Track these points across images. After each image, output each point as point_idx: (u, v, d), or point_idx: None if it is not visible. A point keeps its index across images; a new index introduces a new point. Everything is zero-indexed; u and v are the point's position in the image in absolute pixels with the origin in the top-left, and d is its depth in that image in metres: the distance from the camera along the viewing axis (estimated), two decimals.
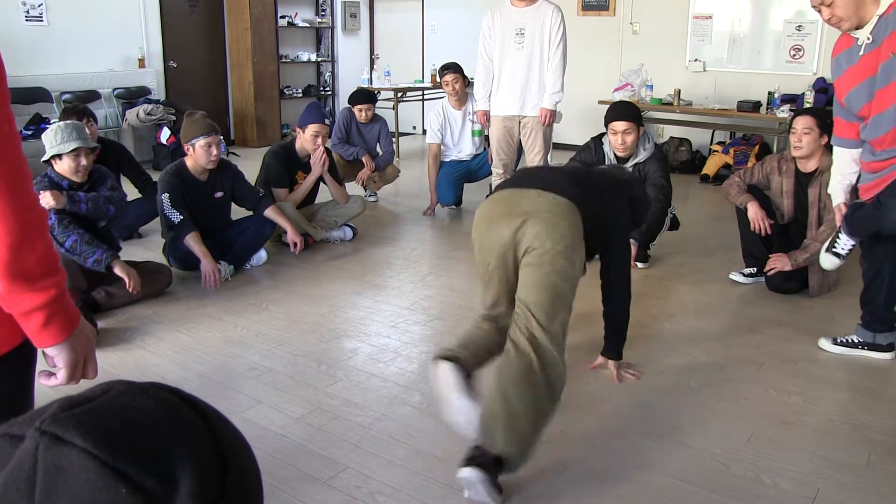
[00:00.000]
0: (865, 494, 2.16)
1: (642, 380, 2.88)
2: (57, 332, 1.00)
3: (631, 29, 7.87)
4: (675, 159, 7.23)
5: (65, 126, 3.38)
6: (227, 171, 4.12)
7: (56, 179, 3.39)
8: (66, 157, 3.34)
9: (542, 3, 4.44)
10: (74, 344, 1.03)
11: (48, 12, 6.85)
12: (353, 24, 9.89)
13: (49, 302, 0.97)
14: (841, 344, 3.14)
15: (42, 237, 0.96)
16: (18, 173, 0.93)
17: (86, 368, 1.08)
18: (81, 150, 3.36)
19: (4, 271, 0.91)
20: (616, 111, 4.06)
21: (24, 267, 0.92)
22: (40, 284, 0.95)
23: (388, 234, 5.03)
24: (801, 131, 3.67)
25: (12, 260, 0.91)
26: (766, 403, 2.71)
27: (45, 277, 0.95)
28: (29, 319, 0.97)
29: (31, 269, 0.93)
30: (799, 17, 6.90)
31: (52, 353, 1.02)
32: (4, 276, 0.91)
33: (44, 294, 0.96)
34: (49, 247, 0.98)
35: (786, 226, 3.90)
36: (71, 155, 3.34)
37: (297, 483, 2.20)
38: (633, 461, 2.32)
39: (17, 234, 0.91)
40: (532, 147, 4.64)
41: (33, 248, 0.93)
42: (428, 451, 2.38)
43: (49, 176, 3.40)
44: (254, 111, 8.53)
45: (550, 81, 4.46)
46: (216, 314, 3.53)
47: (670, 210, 4.18)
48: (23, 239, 0.92)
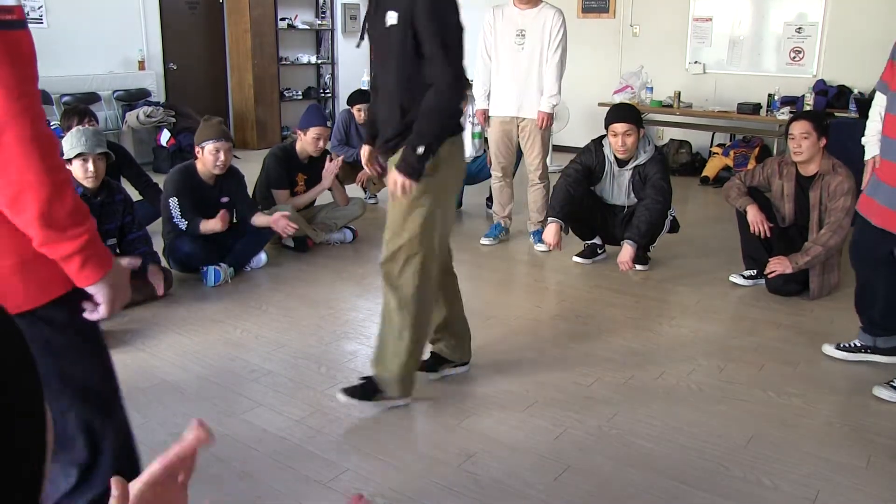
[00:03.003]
0: (865, 496, 2.16)
1: (642, 381, 2.88)
2: (92, 272, 1.15)
3: (631, 31, 7.87)
4: (675, 161, 7.23)
5: (76, 132, 3.49)
6: (233, 177, 4.14)
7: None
8: (74, 163, 3.38)
9: (545, 6, 4.44)
10: (109, 282, 1.18)
11: (48, 14, 6.85)
12: (353, 27, 9.89)
13: (82, 248, 1.11)
14: (844, 349, 3.13)
15: (70, 193, 1.10)
16: (47, 138, 1.08)
17: (120, 302, 1.24)
18: (89, 157, 3.39)
19: (39, 222, 1.06)
20: (616, 113, 4.07)
21: (56, 218, 1.07)
22: (71, 233, 1.09)
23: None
24: (800, 136, 3.67)
25: (45, 212, 1.06)
26: (767, 405, 2.71)
27: (75, 226, 1.10)
28: (68, 264, 1.12)
29: (63, 220, 1.08)
30: (799, 20, 6.90)
31: (92, 290, 1.18)
32: (40, 226, 1.06)
33: (76, 241, 1.10)
34: (77, 201, 1.12)
35: (786, 228, 3.90)
36: (78, 160, 3.38)
37: (296, 485, 2.20)
38: (632, 462, 2.32)
39: (49, 190, 1.05)
40: (531, 150, 4.64)
41: (63, 203, 1.08)
42: (427, 452, 2.38)
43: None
44: (254, 113, 8.53)
45: (547, 84, 4.45)
46: (216, 316, 3.53)
47: (670, 212, 4.18)
48: (54, 194, 1.06)
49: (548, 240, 4.08)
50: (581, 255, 4.46)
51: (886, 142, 2.74)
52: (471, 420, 2.58)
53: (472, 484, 2.20)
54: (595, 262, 4.44)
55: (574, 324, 3.52)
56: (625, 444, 2.43)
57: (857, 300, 3.09)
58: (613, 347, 3.22)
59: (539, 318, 3.58)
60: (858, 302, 3.08)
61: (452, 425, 2.54)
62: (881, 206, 2.73)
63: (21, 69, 1.04)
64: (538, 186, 4.72)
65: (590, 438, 2.46)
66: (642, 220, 3.95)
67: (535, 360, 3.08)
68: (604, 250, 4.49)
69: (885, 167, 2.72)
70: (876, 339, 3.07)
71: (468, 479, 2.22)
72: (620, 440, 2.46)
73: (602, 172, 4.18)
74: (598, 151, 4.18)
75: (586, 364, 3.03)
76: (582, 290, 4.00)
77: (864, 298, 3.04)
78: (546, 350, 3.19)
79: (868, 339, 3.09)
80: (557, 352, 3.17)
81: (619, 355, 3.13)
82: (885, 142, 2.75)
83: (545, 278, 4.33)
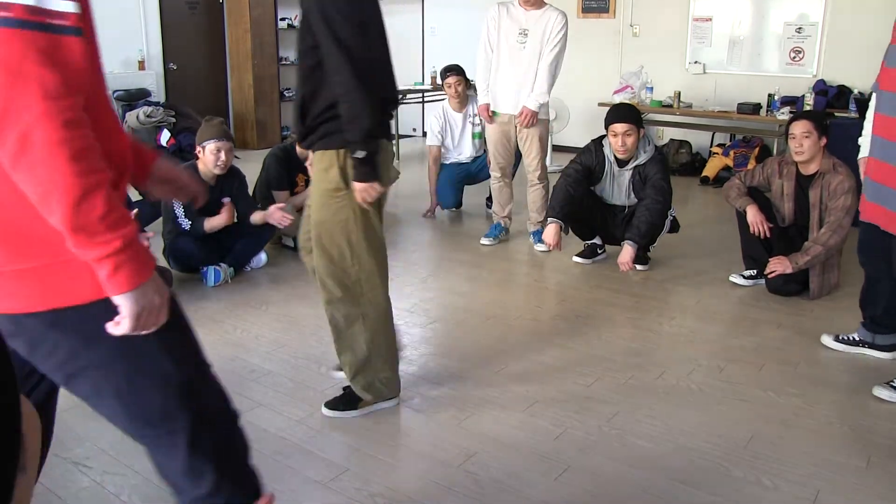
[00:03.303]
0: (865, 496, 2.16)
1: (643, 382, 2.88)
2: (121, 283, 1.13)
3: (631, 31, 7.88)
4: (675, 161, 7.23)
5: None
6: (234, 177, 4.14)
7: None
8: None
9: (549, 8, 4.43)
10: (139, 297, 1.15)
11: None
12: None
13: (111, 254, 1.10)
14: (842, 341, 3.16)
15: (103, 197, 1.10)
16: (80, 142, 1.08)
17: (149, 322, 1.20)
18: None
19: (66, 225, 1.07)
20: (616, 113, 4.07)
21: (86, 223, 1.07)
22: (102, 238, 1.09)
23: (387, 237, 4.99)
24: (801, 135, 3.67)
25: (73, 216, 1.07)
26: (767, 405, 2.71)
27: (107, 232, 1.09)
28: (97, 268, 1.11)
29: (93, 225, 1.08)
30: (799, 20, 6.91)
31: (117, 301, 1.15)
32: (69, 229, 1.07)
33: (106, 246, 1.09)
34: (114, 206, 1.11)
35: (786, 228, 3.90)
36: None
37: (297, 485, 2.20)
38: (632, 463, 2.32)
39: (77, 194, 1.06)
40: (529, 151, 4.64)
41: (93, 207, 1.08)
42: (427, 453, 2.38)
43: None
44: (254, 113, 8.54)
45: (537, 82, 4.43)
46: (216, 316, 3.53)
47: (670, 212, 4.18)
48: (82, 198, 1.07)
49: (548, 240, 4.08)
50: (581, 255, 4.47)
51: (873, 140, 2.81)
52: (471, 420, 2.58)
53: (472, 484, 2.20)
54: (595, 262, 4.44)
55: (574, 324, 3.52)
56: (625, 444, 2.43)
57: (863, 296, 3.11)
58: (613, 347, 3.22)
59: (539, 318, 3.58)
60: (863, 298, 3.11)
61: (452, 425, 2.54)
62: (868, 201, 2.83)
63: (63, 73, 1.06)
64: (537, 187, 4.72)
65: (590, 438, 2.46)
66: (642, 221, 3.95)
67: (535, 360, 3.08)
68: (604, 250, 4.49)
69: (871, 164, 2.81)
70: (875, 335, 3.09)
71: (468, 479, 2.22)
72: (620, 440, 2.46)
73: (602, 172, 4.18)
74: (598, 151, 4.18)
75: (586, 364, 3.03)
76: (582, 290, 4.00)
77: (869, 295, 3.06)
78: (546, 350, 3.19)
79: (867, 335, 3.11)
80: (557, 352, 3.17)
81: (619, 355, 3.13)
82: (872, 140, 2.82)
83: (545, 278, 4.33)
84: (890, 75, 2.69)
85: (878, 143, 2.76)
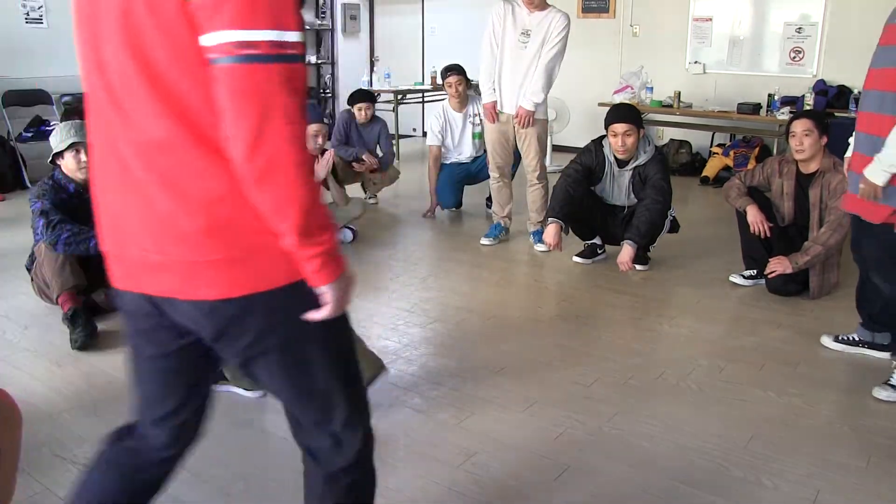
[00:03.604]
0: (865, 496, 2.16)
1: (643, 382, 2.88)
2: (327, 275, 1.27)
3: (631, 31, 7.88)
4: (675, 161, 7.24)
5: (65, 125, 3.42)
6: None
7: (63, 182, 3.39)
8: (66, 155, 3.36)
9: (552, 10, 4.43)
10: (340, 285, 1.30)
11: (48, 14, 6.86)
12: (353, 27, 9.90)
13: (324, 252, 1.24)
14: (842, 342, 3.16)
15: (321, 205, 1.24)
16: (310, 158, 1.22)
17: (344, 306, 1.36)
18: (81, 146, 3.37)
19: (298, 231, 1.20)
20: (616, 113, 4.07)
21: (310, 227, 1.21)
22: (318, 239, 1.23)
23: (387, 237, 5.03)
24: (802, 134, 3.67)
25: (305, 223, 1.20)
26: (767, 405, 2.71)
27: (322, 233, 1.23)
28: (308, 264, 1.25)
29: (314, 228, 1.21)
30: (799, 20, 6.91)
31: (322, 290, 1.29)
32: (298, 234, 1.20)
33: (321, 246, 1.23)
34: (324, 210, 1.25)
35: (785, 228, 3.90)
36: (70, 152, 3.36)
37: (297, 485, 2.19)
38: (632, 462, 2.32)
39: (309, 203, 1.20)
40: (527, 151, 4.63)
41: (316, 214, 1.21)
42: (427, 453, 2.38)
43: (55, 178, 3.40)
44: None
45: (533, 80, 4.42)
46: None
47: (670, 212, 4.18)
48: (312, 206, 1.20)
49: (548, 240, 4.08)
50: (581, 255, 4.47)
51: (857, 136, 2.82)
52: (471, 420, 2.58)
53: (472, 484, 2.20)
54: (595, 262, 4.44)
55: (574, 324, 3.52)
56: (625, 444, 2.43)
57: (858, 295, 3.11)
58: (613, 347, 3.22)
59: (539, 318, 3.58)
60: (859, 297, 3.11)
61: (452, 425, 2.54)
62: (849, 192, 2.84)
63: (300, 99, 1.19)
64: (537, 187, 4.72)
65: (590, 438, 2.46)
66: (642, 221, 3.95)
67: (535, 360, 3.08)
68: (604, 250, 4.49)
69: (856, 159, 2.81)
70: (874, 335, 3.09)
71: (468, 479, 2.22)
72: (620, 440, 2.46)
73: (602, 173, 4.18)
74: (598, 152, 4.18)
75: (586, 364, 3.03)
76: (582, 290, 4.00)
77: (864, 294, 3.06)
78: (546, 350, 3.19)
79: (866, 335, 3.11)
80: (557, 352, 3.17)
81: (619, 355, 3.13)
82: (857, 136, 2.82)
83: (545, 278, 4.33)
84: (873, 75, 2.72)
85: (862, 138, 2.77)
